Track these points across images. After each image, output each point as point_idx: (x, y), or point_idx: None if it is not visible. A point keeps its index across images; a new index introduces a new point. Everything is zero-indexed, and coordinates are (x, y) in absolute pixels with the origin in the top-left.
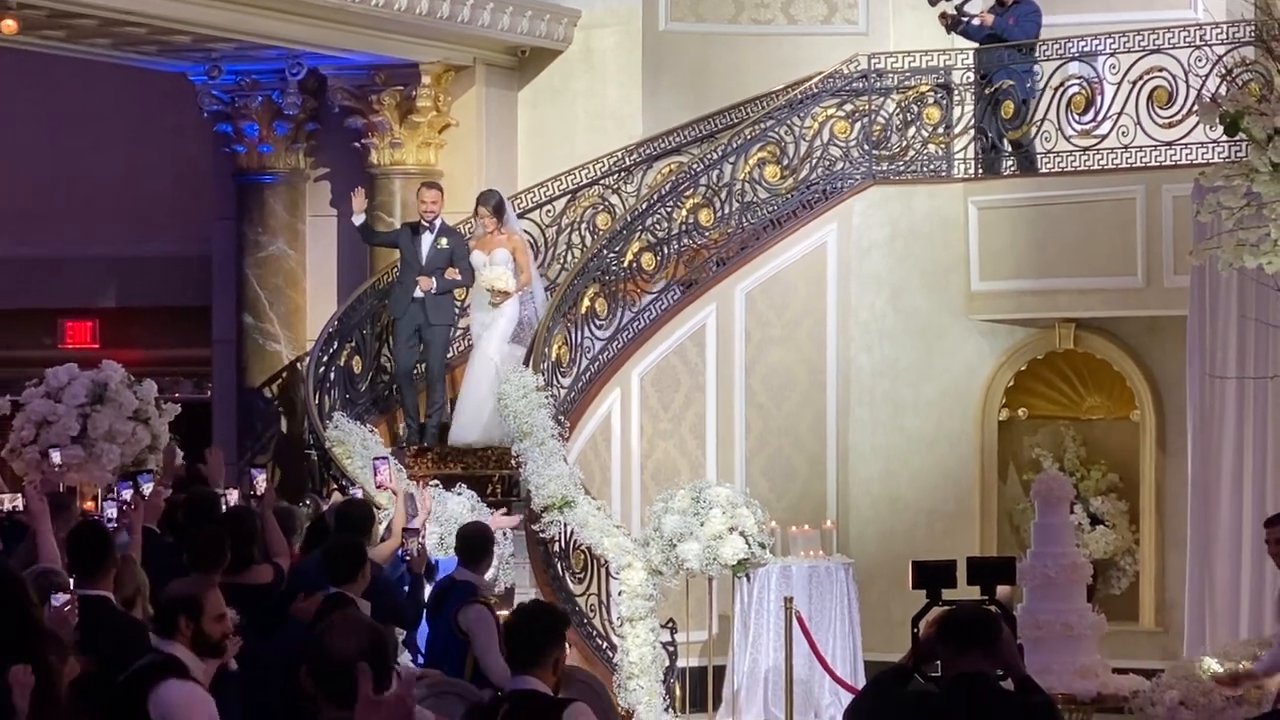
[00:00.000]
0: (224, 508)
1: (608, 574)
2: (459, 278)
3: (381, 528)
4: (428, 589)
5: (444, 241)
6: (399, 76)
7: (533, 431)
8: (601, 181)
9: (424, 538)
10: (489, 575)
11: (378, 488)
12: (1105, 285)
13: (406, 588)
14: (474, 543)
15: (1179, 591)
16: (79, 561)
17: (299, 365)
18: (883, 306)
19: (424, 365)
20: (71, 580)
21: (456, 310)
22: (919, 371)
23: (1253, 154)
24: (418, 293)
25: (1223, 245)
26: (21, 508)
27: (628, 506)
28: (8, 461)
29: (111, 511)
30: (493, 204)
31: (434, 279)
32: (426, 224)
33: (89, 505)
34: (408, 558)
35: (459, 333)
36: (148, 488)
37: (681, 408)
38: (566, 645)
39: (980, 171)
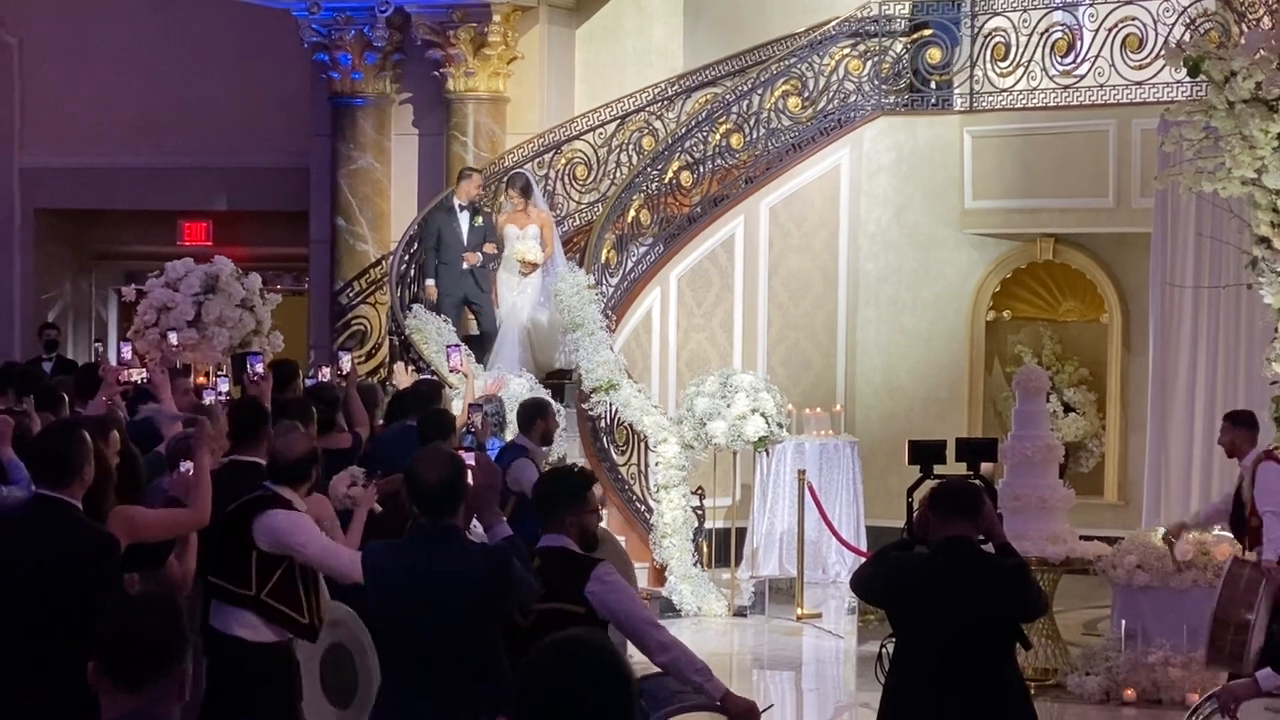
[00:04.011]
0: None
1: (646, 447)
2: (497, 250)
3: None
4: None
5: (479, 219)
6: (473, 15)
7: (584, 323)
8: (647, 109)
9: (489, 411)
10: (547, 448)
11: (451, 371)
12: (1081, 205)
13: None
14: (526, 412)
15: (1139, 471)
16: (239, 431)
17: (384, 263)
18: (888, 221)
19: (477, 325)
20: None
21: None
22: (918, 277)
23: (1212, 93)
24: (465, 266)
25: (1184, 172)
26: (145, 380)
27: (664, 390)
28: (133, 341)
29: (224, 386)
30: (519, 185)
31: (478, 254)
32: (464, 205)
33: (201, 380)
34: (473, 430)
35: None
36: (259, 367)
37: (712, 306)
38: (593, 507)
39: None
